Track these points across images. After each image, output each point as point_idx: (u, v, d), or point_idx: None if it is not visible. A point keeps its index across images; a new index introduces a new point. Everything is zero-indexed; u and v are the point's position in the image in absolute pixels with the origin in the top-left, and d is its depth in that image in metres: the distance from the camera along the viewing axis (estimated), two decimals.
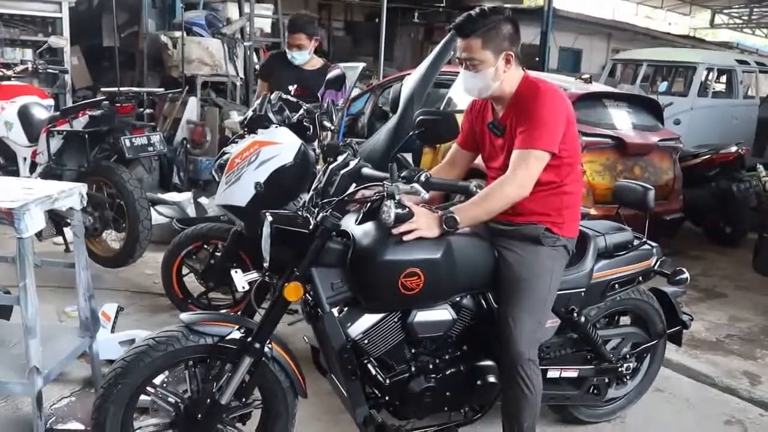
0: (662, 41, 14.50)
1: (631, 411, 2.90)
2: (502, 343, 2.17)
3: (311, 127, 3.23)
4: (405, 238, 2.01)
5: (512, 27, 2.16)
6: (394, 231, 2.00)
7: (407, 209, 1.91)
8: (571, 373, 2.54)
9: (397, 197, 1.88)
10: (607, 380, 2.66)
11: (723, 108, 8.31)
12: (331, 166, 2.15)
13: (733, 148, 5.70)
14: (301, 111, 3.31)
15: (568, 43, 15.23)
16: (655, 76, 9.18)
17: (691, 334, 3.67)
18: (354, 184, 2.06)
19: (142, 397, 2.12)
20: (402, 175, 1.92)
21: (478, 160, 4.92)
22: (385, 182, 1.92)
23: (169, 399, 2.12)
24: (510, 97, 2.21)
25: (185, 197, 5.18)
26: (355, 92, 6.07)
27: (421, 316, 2.15)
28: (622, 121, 4.89)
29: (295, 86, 3.83)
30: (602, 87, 5.93)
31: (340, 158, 2.18)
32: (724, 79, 9.17)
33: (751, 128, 8.43)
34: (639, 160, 4.78)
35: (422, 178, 1.90)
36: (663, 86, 8.71)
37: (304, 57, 3.90)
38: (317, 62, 4.00)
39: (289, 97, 3.71)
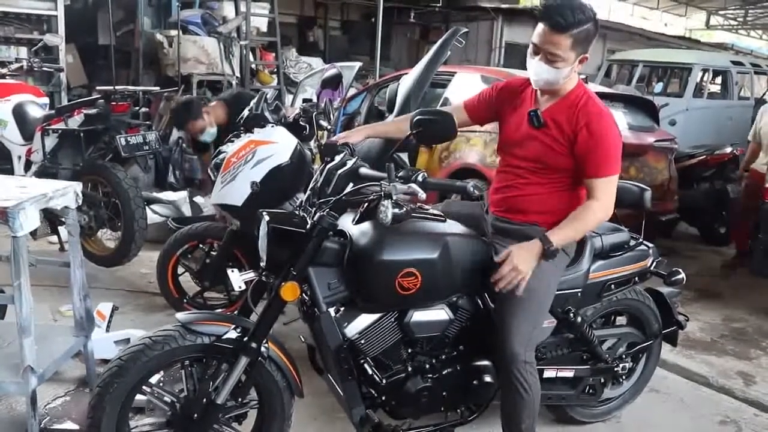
0: (658, 42, 14.51)
1: (626, 411, 2.91)
2: (498, 345, 2.17)
3: (307, 126, 3.23)
4: (517, 292, 2.07)
5: (596, 29, 2.09)
6: (496, 279, 2.06)
7: (404, 209, 1.90)
8: (567, 373, 2.55)
9: (394, 197, 1.88)
10: (602, 380, 2.66)
11: (718, 109, 8.34)
12: (328, 166, 2.14)
13: (728, 149, 5.74)
14: (298, 110, 3.31)
15: None
16: (650, 76, 9.21)
17: (686, 334, 3.67)
18: (351, 184, 2.06)
19: (138, 396, 2.11)
20: (399, 175, 1.92)
21: (475, 160, 4.92)
22: (382, 182, 1.91)
23: (165, 398, 2.12)
24: (561, 96, 2.18)
25: (181, 196, 5.16)
26: (352, 92, 6.07)
27: (418, 316, 2.15)
28: (618, 121, 4.83)
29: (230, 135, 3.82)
30: (598, 87, 5.94)
31: (338, 158, 2.18)
32: (719, 80, 9.21)
33: (746, 129, 8.38)
34: (635, 161, 4.79)
35: (419, 179, 1.90)
36: (658, 87, 8.73)
37: (213, 131, 3.99)
38: (221, 111, 4.05)
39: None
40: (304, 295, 2.08)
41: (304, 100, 4.78)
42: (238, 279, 2.16)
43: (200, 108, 4.02)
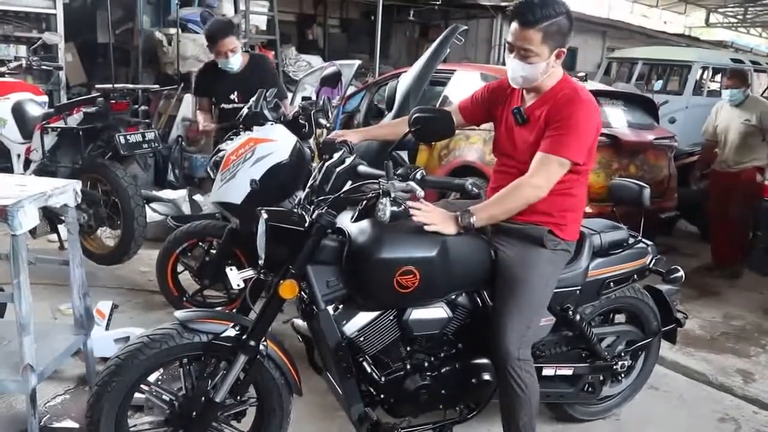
0: (657, 40, 14.51)
1: (625, 408, 2.91)
2: (493, 343, 2.17)
3: (306, 124, 3.23)
4: (426, 228, 2.01)
5: (569, 23, 2.09)
6: (412, 212, 1.97)
7: (402, 207, 1.90)
8: (566, 370, 2.55)
9: (392, 195, 1.88)
10: (601, 378, 2.66)
11: None
12: (327, 164, 2.14)
13: None
14: (297, 108, 3.31)
15: None
16: (650, 74, 9.21)
17: (685, 331, 3.68)
18: (350, 182, 2.06)
19: (137, 394, 2.11)
20: (398, 172, 1.92)
21: (474, 158, 4.92)
22: (380, 180, 1.91)
23: (164, 397, 2.12)
24: (545, 92, 2.18)
25: (180, 194, 5.17)
26: (351, 90, 6.07)
27: (417, 314, 2.15)
28: (618, 119, 4.89)
29: (236, 93, 3.80)
30: (598, 85, 5.94)
31: (336, 155, 2.18)
32: (718, 77, 9.20)
33: None
34: (634, 159, 4.78)
35: (418, 176, 1.90)
36: (658, 84, 8.73)
37: (239, 60, 3.84)
38: (244, 58, 3.93)
39: (234, 105, 3.73)
40: (302, 292, 2.07)
41: (304, 98, 4.78)
42: (236, 277, 2.16)
43: (237, 28, 3.91)
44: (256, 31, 8.75)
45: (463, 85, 5.06)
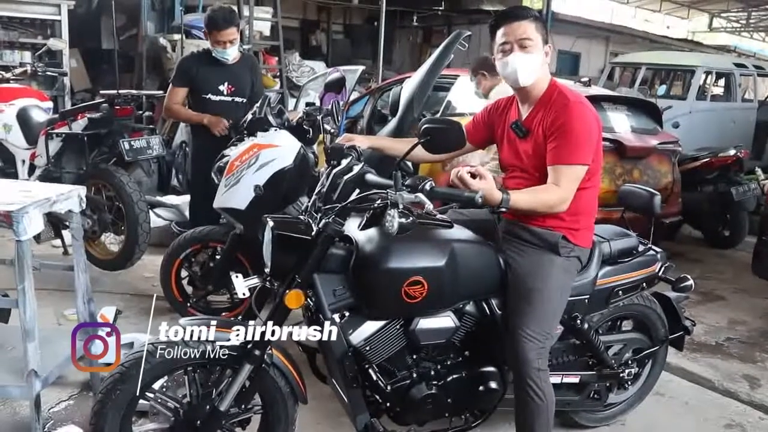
0: (660, 44, 14.53)
1: (630, 414, 2.89)
2: (511, 353, 2.15)
3: (310, 129, 3.23)
4: (474, 182, 1.96)
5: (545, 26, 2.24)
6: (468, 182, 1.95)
7: (410, 219, 1.87)
8: (573, 378, 2.53)
9: (400, 206, 1.85)
10: (608, 385, 2.65)
11: (721, 111, 8.33)
12: (334, 171, 2.12)
13: (732, 151, 5.71)
14: (301, 114, 3.31)
15: (566, 47, 15.25)
16: (653, 79, 9.21)
17: (690, 337, 3.64)
18: (357, 190, 2.04)
19: (142, 401, 2.10)
20: (406, 183, 1.89)
21: (477, 164, 4.91)
22: (388, 191, 1.89)
23: (169, 404, 2.11)
24: (538, 97, 2.20)
25: (184, 200, 5.16)
26: (354, 95, 6.07)
27: (424, 323, 2.13)
28: (621, 124, 4.89)
29: (227, 84, 3.76)
30: (601, 90, 5.94)
31: (344, 162, 2.16)
32: (722, 82, 9.20)
33: (750, 131, 8.46)
34: (638, 164, 4.77)
35: (427, 188, 1.86)
36: (661, 89, 8.73)
37: (235, 52, 3.76)
38: (237, 54, 3.85)
39: (222, 97, 3.69)
40: (309, 300, 2.06)
41: (307, 104, 4.78)
42: (242, 285, 2.15)
43: (239, 19, 3.84)
44: (260, 37, 8.77)
45: (467, 90, 5.06)
